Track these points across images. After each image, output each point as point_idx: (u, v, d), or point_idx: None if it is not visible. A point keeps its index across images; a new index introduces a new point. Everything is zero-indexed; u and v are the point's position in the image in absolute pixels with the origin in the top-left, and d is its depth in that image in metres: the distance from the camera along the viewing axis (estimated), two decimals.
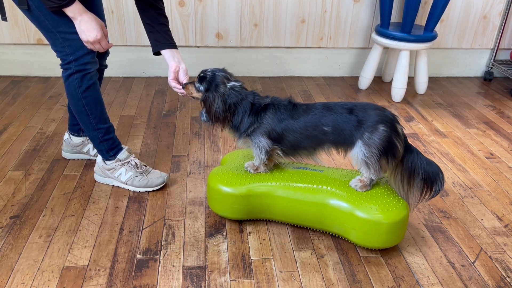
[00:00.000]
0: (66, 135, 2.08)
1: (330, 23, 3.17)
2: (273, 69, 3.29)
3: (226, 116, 1.61)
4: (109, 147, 1.86)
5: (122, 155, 1.89)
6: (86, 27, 1.59)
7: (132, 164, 1.90)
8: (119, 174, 1.89)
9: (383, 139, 1.52)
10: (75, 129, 2.04)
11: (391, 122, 1.55)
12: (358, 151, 1.55)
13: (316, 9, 3.11)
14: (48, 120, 2.50)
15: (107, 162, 1.89)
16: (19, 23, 2.94)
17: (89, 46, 1.64)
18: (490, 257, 1.63)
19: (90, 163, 2.08)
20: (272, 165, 1.70)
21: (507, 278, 1.53)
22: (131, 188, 1.91)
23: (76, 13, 1.57)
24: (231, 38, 3.14)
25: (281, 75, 3.33)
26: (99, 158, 1.92)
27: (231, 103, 1.60)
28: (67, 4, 1.53)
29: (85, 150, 2.08)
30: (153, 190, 1.91)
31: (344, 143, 1.59)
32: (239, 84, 1.63)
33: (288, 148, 1.64)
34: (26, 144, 2.24)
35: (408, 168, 1.56)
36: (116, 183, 1.93)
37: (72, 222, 1.71)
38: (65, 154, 2.12)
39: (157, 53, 1.79)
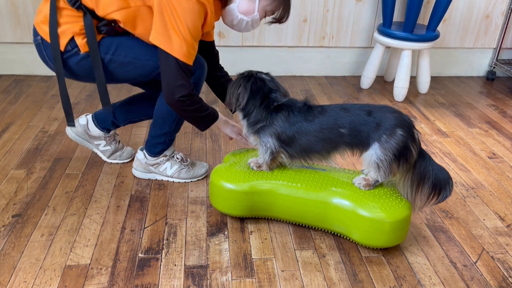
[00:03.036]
0: (84, 119, 2.00)
1: (332, 22, 3.17)
2: (275, 68, 3.29)
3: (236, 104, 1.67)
4: (166, 148, 1.91)
5: (169, 150, 1.92)
6: (226, 132, 1.90)
7: (177, 158, 1.94)
8: (164, 168, 1.93)
9: (400, 144, 1.51)
10: (105, 122, 1.97)
11: (409, 127, 1.53)
12: (373, 153, 1.54)
13: (318, 8, 3.11)
14: (50, 119, 2.50)
15: (151, 157, 1.91)
16: (21, 22, 2.94)
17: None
18: (492, 257, 1.62)
19: (92, 162, 2.09)
20: (275, 166, 1.70)
21: (509, 278, 1.53)
22: (177, 180, 1.96)
23: (221, 124, 1.84)
24: (233, 37, 3.14)
25: (283, 74, 3.33)
26: (140, 155, 1.94)
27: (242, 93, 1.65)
28: (214, 120, 1.76)
29: (96, 142, 2.03)
30: (157, 189, 1.91)
31: (360, 144, 1.57)
32: (269, 77, 1.67)
33: (299, 151, 1.63)
34: (28, 143, 2.24)
35: (419, 173, 1.56)
36: (159, 177, 1.97)
37: (74, 221, 1.71)
38: (70, 134, 2.02)
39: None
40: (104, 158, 2.07)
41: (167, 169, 1.94)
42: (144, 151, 1.93)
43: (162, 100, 1.76)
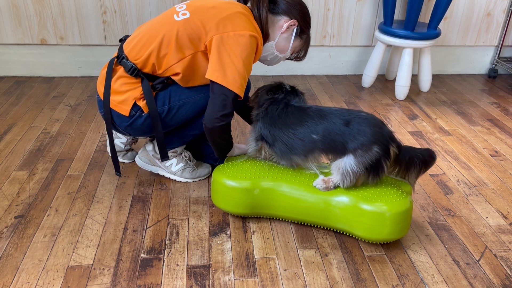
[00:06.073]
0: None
1: (333, 21, 3.16)
2: (276, 67, 3.29)
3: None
4: (181, 145, 1.92)
5: (180, 147, 1.93)
6: (236, 153, 1.88)
7: (185, 156, 1.95)
8: (170, 164, 1.94)
9: (373, 160, 1.53)
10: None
11: (386, 144, 1.54)
12: (346, 162, 1.55)
13: (319, 7, 3.11)
14: (52, 120, 2.51)
15: None
16: (23, 23, 2.94)
17: None
18: (495, 255, 1.62)
19: (94, 163, 2.09)
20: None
21: None
22: (178, 179, 1.96)
23: (234, 150, 1.86)
24: None
25: (284, 73, 3.33)
26: (149, 146, 1.95)
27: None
28: (231, 146, 1.82)
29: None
30: (159, 189, 1.91)
31: (334, 151, 1.60)
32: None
33: (279, 151, 1.67)
34: (30, 144, 2.25)
35: (405, 164, 1.61)
36: (162, 172, 1.98)
37: (76, 221, 1.72)
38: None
39: None
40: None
41: (173, 165, 1.94)
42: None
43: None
